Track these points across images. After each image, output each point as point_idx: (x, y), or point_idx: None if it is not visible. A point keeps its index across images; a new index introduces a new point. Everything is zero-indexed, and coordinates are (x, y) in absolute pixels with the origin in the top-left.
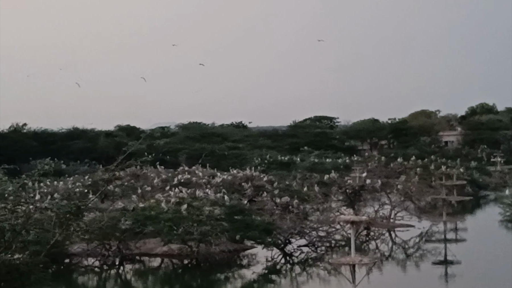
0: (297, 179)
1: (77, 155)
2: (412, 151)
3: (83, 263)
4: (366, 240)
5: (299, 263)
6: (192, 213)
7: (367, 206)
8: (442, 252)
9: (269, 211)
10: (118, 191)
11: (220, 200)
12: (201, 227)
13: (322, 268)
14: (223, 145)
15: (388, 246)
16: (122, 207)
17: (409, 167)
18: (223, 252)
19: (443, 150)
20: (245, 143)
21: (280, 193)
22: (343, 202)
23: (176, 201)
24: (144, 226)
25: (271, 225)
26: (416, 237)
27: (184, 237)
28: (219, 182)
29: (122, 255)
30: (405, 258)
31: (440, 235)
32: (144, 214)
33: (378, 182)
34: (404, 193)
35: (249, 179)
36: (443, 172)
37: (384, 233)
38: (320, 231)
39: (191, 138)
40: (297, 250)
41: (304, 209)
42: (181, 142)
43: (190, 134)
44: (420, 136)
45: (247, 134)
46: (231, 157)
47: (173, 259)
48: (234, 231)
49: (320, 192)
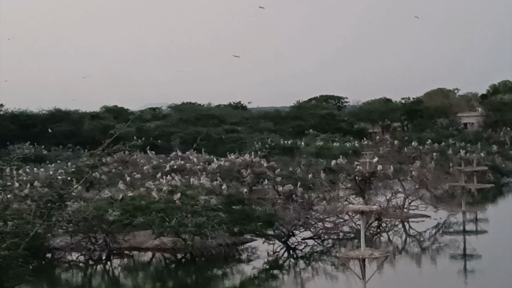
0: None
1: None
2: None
3: (67, 258)
4: (377, 232)
5: (304, 258)
6: (186, 203)
7: (378, 194)
8: (460, 245)
9: (271, 200)
10: (104, 178)
11: (216, 188)
12: (196, 218)
13: (329, 263)
14: (220, 128)
15: (402, 238)
16: (109, 196)
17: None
18: (220, 245)
19: (462, 133)
20: (244, 126)
21: (282, 180)
22: (352, 190)
23: (168, 190)
24: (133, 217)
25: (273, 216)
26: (432, 229)
27: (177, 229)
28: (216, 169)
29: (109, 249)
30: (420, 252)
31: (458, 226)
32: (133, 204)
33: (391, 168)
34: (419, 181)
35: (249, 165)
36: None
37: (397, 224)
38: (327, 222)
39: (185, 121)
40: (301, 243)
41: (309, 198)
42: (173, 124)
43: (183, 116)
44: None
45: (246, 115)
46: (228, 141)
47: (166, 254)
48: (232, 222)
49: (327, 180)
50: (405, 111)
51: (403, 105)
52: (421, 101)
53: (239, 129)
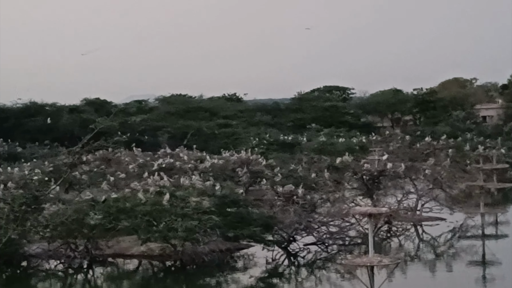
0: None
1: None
2: (442, 128)
3: (44, 266)
4: (387, 236)
5: (306, 265)
6: (175, 205)
7: (388, 195)
8: (479, 250)
9: (269, 202)
10: (85, 178)
11: (209, 189)
12: (186, 222)
13: (334, 271)
14: (212, 122)
15: (414, 243)
16: (91, 198)
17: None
18: (213, 252)
19: (481, 127)
20: (239, 120)
21: (282, 180)
22: (359, 190)
23: (156, 191)
24: (117, 221)
25: (271, 219)
26: (447, 233)
27: (166, 234)
28: (208, 167)
29: (91, 256)
30: (434, 258)
31: (476, 230)
32: (117, 207)
33: (402, 166)
34: (433, 180)
35: (245, 163)
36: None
37: (409, 228)
38: (331, 226)
39: (174, 114)
40: (303, 249)
41: (311, 199)
42: (161, 118)
43: (172, 109)
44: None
45: (241, 108)
46: (222, 137)
47: (153, 261)
48: (226, 226)
49: (331, 179)
50: (417, 103)
51: (415, 96)
52: (435, 92)
53: (234, 123)
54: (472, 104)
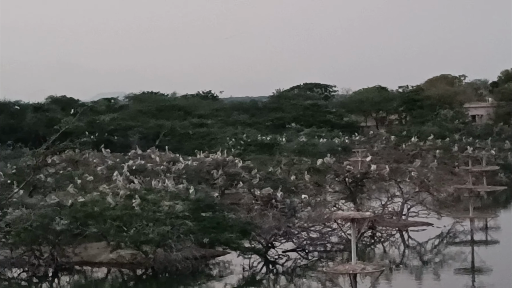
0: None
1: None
2: (429, 128)
3: (7, 275)
4: (370, 242)
5: (285, 273)
6: (147, 209)
7: (372, 199)
8: (468, 257)
9: (247, 206)
10: (50, 181)
11: (183, 192)
12: (158, 227)
13: (315, 279)
14: (186, 122)
15: (399, 250)
16: (56, 202)
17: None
18: (187, 259)
19: (470, 127)
20: (215, 119)
21: (260, 183)
22: (341, 194)
23: (126, 194)
24: (84, 226)
25: (249, 224)
26: (435, 239)
27: (136, 240)
28: (182, 170)
29: (57, 264)
30: (420, 266)
31: (465, 235)
32: (84, 211)
33: (386, 168)
34: (420, 182)
35: (221, 165)
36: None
37: (394, 233)
38: (312, 232)
39: (145, 113)
40: (282, 256)
41: (291, 203)
42: (132, 117)
43: (143, 108)
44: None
45: (217, 107)
46: (197, 137)
47: (123, 269)
48: (201, 232)
49: (312, 182)
50: (403, 101)
51: (400, 94)
52: (422, 90)
53: (209, 122)
54: (460, 102)
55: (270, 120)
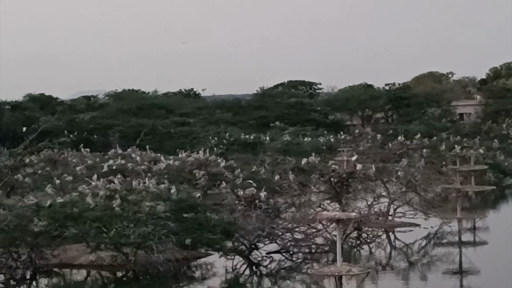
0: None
1: None
2: (416, 126)
3: None
4: (356, 244)
5: (269, 275)
6: (127, 210)
7: (357, 199)
8: (456, 258)
9: (230, 207)
10: (28, 181)
11: (164, 193)
12: (139, 228)
13: (299, 281)
14: (168, 121)
15: (386, 251)
16: (35, 202)
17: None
18: (168, 261)
19: (457, 125)
20: (197, 118)
21: (243, 183)
22: (326, 194)
23: (106, 195)
24: (64, 228)
25: (232, 225)
26: (422, 240)
27: (117, 242)
28: (163, 169)
29: (35, 267)
30: (407, 267)
31: (453, 236)
32: (63, 212)
33: (372, 167)
34: (406, 182)
35: (203, 165)
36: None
37: (380, 234)
38: (297, 233)
39: (126, 111)
40: (266, 257)
41: (275, 204)
42: (112, 116)
43: (124, 106)
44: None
45: (200, 105)
46: (178, 136)
47: (103, 271)
48: (183, 233)
49: (296, 182)
50: (390, 99)
51: (387, 92)
52: (409, 87)
53: (191, 121)
54: (448, 100)
55: (253, 119)
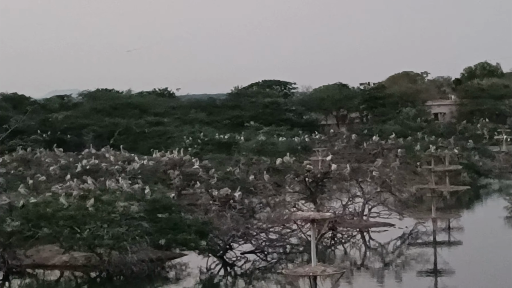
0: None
1: None
2: (391, 126)
3: None
4: (331, 244)
5: (244, 275)
6: (101, 210)
7: (332, 199)
8: (430, 258)
9: (204, 207)
10: (1, 181)
11: (138, 193)
12: (113, 228)
13: (274, 281)
14: (142, 120)
15: (360, 251)
16: (7, 203)
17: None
18: (142, 261)
19: (432, 125)
20: (171, 117)
21: (218, 183)
22: (301, 194)
23: (79, 195)
24: (37, 228)
25: (206, 225)
26: (396, 240)
27: (90, 242)
28: (137, 169)
29: (8, 267)
30: (382, 267)
31: (428, 236)
32: (36, 212)
33: (347, 167)
34: (381, 182)
35: (177, 165)
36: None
37: (355, 234)
38: (271, 233)
39: (100, 111)
40: (240, 258)
41: (250, 204)
42: (86, 116)
43: (98, 105)
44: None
45: (174, 105)
46: (153, 136)
47: (77, 272)
48: (157, 233)
49: (271, 182)
50: (365, 99)
51: (362, 91)
52: (384, 87)
53: (165, 121)
54: (423, 100)
55: (228, 119)
